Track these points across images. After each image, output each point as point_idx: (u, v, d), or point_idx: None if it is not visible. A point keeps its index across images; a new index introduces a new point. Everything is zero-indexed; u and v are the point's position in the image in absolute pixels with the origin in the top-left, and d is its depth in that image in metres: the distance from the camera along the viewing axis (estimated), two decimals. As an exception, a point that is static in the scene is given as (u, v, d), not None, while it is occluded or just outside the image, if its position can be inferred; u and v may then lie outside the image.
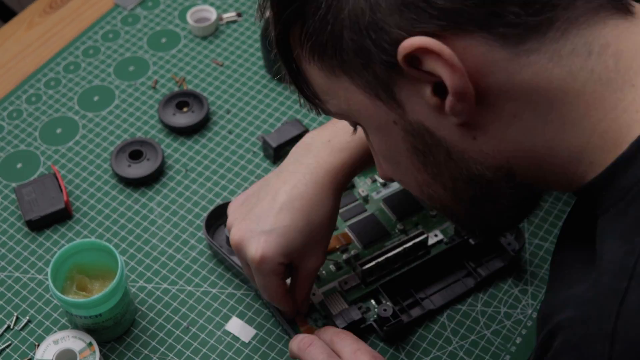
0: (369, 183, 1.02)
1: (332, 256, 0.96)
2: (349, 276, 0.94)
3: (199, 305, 0.96)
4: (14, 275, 0.99)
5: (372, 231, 0.98)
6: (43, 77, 1.18)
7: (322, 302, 0.92)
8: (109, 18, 1.25)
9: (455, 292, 0.94)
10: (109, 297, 0.87)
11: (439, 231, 0.98)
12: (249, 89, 1.16)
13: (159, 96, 1.16)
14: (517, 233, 0.95)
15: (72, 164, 1.09)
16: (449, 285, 0.95)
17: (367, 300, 0.93)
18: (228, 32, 1.23)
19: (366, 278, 0.93)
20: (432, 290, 0.94)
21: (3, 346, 0.93)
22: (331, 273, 0.95)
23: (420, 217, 1.00)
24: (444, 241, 0.97)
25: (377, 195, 1.02)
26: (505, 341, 0.92)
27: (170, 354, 0.92)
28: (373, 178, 1.03)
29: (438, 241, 0.97)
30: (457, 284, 0.95)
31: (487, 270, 0.95)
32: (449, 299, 0.94)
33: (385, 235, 0.98)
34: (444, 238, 0.97)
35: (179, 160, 1.09)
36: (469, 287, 0.95)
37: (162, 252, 1.00)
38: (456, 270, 0.96)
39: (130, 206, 1.04)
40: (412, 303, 0.93)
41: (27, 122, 1.13)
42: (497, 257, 0.96)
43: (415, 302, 0.93)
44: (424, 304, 0.93)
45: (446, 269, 0.95)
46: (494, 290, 0.96)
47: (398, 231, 0.98)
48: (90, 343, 0.89)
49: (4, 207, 1.05)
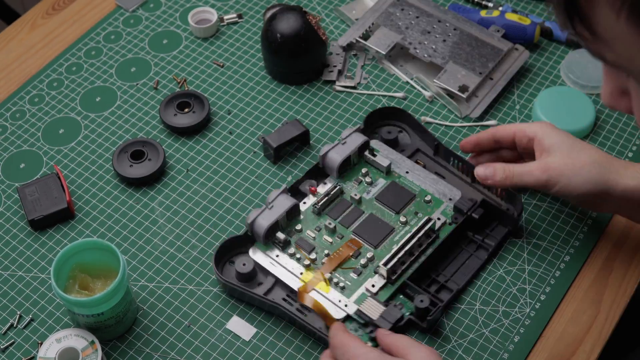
0: (356, 185, 1.03)
1: (348, 264, 0.96)
2: (372, 279, 0.95)
3: (200, 304, 0.96)
4: (17, 274, 1.00)
5: (378, 230, 0.99)
6: (46, 78, 1.19)
7: (358, 311, 0.92)
8: (110, 20, 1.26)
9: (472, 267, 0.98)
10: (111, 296, 0.88)
11: (439, 214, 1.00)
12: (249, 89, 1.17)
13: (160, 97, 1.17)
14: (514, 199, 0.99)
15: (74, 164, 1.10)
16: (464, 262, 0.98)
17: (396, 296, 0.95)
18: (229, 34, 1.24)
19: (391, 276, 0.94)
20: (451, 271, 0.97)
21: (6, 344, 0.94)
22: (354, 280, 0.95)
23: (416, 205, 1.01)
24: (447, 222, 0.99)
25: (368, 195, 1.03)
26: (504, 340, 0.93)
27: (172, 352, 0.93)
28: (358, 180, 1.04)
29: (442, 223, 0.99)
30: (471, 259, 0.98)
31: (494, 239, 0.99)
32: (469, 275, 0.97)
33: (391, 230, 0.99)
34: (446, 219, 0.99)
35: (180, 160, 1.10)
36: (483, 259, 0.98)
37: (164, 252, 1.01)
38: (466, 246, 0.99)
39: (132, 206, 1.05)
40: (438, 288, 0.96)
41: (30, 122, 1.14)
42: (499, 224, 1.00)
43: (441, 287, 0.96)
44: (449, 285, 0.96)
45: (457, 247, 0.99)
46: (493, 289, 0.97)
47: (401, 224, 1.00)
48: (92, 341, 0.89)
49: (7, 206, 1.06)
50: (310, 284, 0.94)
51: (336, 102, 1.15)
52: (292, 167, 1.08)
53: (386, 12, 1.21)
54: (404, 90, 1.16)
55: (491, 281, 0.97)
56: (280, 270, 0.95)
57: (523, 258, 0.99)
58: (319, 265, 0.96)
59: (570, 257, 0.99)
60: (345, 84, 1.17)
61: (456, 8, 1.24)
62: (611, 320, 0.94)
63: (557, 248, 1.00)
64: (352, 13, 1.25)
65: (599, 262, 0.99)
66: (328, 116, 1.14)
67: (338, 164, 1.01)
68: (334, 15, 1.26)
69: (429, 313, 0.91)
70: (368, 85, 1.17)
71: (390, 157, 1.05)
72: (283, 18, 1.12)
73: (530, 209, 1.03)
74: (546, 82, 1.16)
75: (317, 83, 1.17)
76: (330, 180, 1.04)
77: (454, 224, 0.99)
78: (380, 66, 1.19)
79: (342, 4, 1.27)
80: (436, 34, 1.18)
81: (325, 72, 1.18)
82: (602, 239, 1.01)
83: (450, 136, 1.11)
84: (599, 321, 0.94)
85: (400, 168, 1.05)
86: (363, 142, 1.03)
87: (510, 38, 1.19)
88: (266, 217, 0.96)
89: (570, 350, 0.92)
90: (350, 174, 1.04)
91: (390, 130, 1.08)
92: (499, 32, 1.18)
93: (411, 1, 1.22)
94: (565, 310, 0.95)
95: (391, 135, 1.08)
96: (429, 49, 1.16)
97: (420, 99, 1.15)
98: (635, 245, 1.00)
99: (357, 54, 1.20)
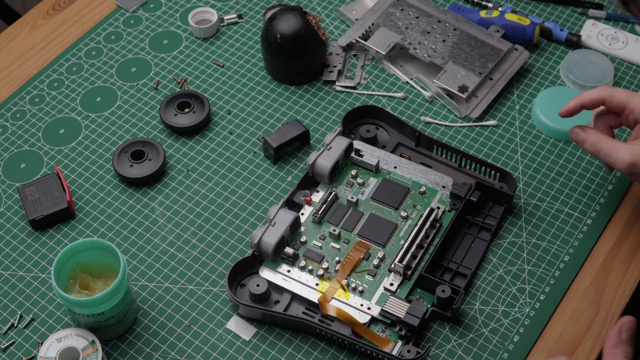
0: (349, 188, 1.04)
1: (361, 267, 0.96)
2: (388, 278, 0.95)
3: (200, 304, 0.97)
4: (18, 274, 1.00)
5: (382, 228, 0.99)
6: (46, 79, 1.19)
7: (383, 311, 0.92)
8: (111, 20, 1.26)
9: (478, 249, 0.99)
10: (111, 295, 0.88)
11: (437, 203, 1.01)
12: (249, 89, 1.17)
13: (160, 97, 1.17)
14: (509, 178, 1.02)
15: (74, 164, 1.10)
16: (470, 246, 0.99)
17: (414, 291, 0.95)
18: (229, 34, 1.24)
19: (407, 272, 0.95)
20: (460, 256, 0.99)
21: (7, 344, 0.94)
22: (370, 282, 0.95)
23: (412, 198, 1.02)
24: (447, 209, 1.00)
25: (363, 196, 1.03)
26: (504, 339, 0.93)
27: (172, 352, 0.93)
28: (349, 182, 1.04)
29: (442, 212, 1.00)
30: (476, 241, 1.00)
31: (494, 219, 1.01)
32: (478, 259, 0.98)
33: (395, 227, 0.99)
34: (445, 207, 1.00)
35: (181, 160, 1.10)
36: (488, 240, 0.99)
37: (164, 251, 1.01)
38: (468, 230, 1.01)
39: (132, 206, 1.05)
40: (452, 276, 0.97)
41: (30, 122, 1.14)
42: (494, 203, 1.02)
43: (455, 274, 0.97)
44: (462, 271, 0.97)
45: (460, 232, 1.00)
46: (493, 289, 0.97)
47: (402, 218, 1.00)
48: (92, 341, 0.89)
49: (7, 206, 1.06)
50: (329, 293, 0.94)
51: (336, 102, 1.15)
52: (292, 167, 1.09)
53: (386, 13, 1.21)
54: (404, 90, 1.16)
55: (491, 281, 0.97)
56: (295, 285, 0.95)
57: (523, 258, 0.99)
58: (333, 273, 0.96)
59: (569, 256, 0.99)
60: (345, 84, 1.17)
61: (456, 8, 1.24)
62: (610, 320, 0.95)
63: (556, 248, 1.00)
64: (352, 13, 1.25)
65: (599, 262, 0.99)
66: (328, 116, 1.14)
67: (329, 170, 1.02)
68: (334, 16, 1.26)
69: (452, 302, 0.92)
70: (368, 86, 1.17)
71: (375, 155, 1.06)
72: (283, 18, 1.12)
73: (530, 209, 1.03)
74: (546, 82, 1.17)
75: (317, 83, 1.17)
76: (322, 188, 1.04)
77: (454, 211, 1.00)
78: (380, 66, 1.19)
79: (342, 4, 1.27)
80: (436, 34, 1.18)
81: (325, 72, 1.18)
82: (602, 239, 1.01)
83: (450, 136, 1.11)
84: (599, 321, 0.95)
85: (388, 164, 1.05)
86: (348, 144, 1.04)
87: (510, 38, 1.19)
88: (271, 235, 0.96)
89: (569, 350, 0.93)
90: (340, 178, 1.04)
91: (368, 129, 1.09)
92: (499, 32, 1.19)
93: (411, 1, 1.22)
94: (564, 310, 0.96)
95: (370, 133, 1.08)
96: (429, 49, 1.17)
97: (420, 99, 1.15)
98: (635, 245, 1.00)
99: (357, 54, 1.21)
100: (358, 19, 1.22)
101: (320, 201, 1.01)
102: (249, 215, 1.04)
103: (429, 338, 0.93)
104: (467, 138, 1.11)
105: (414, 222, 1.00)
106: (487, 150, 1.09)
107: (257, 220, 1.04)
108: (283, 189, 1.06)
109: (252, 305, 0.93)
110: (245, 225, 1.03)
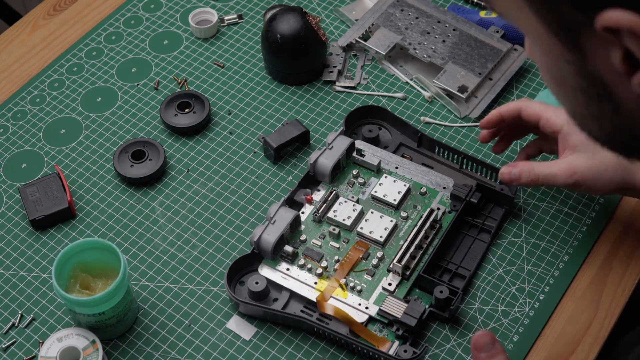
0: (350, 188, 1.04)
1: (360, 267, 0.97)
2: (387, 278, 0.96)
3: (200, 304, 0.97)
4: (19, 274, 1.00)
5: (382, 228, 0.99)
6: (47, 79, 1.20)
7: (380, 311, 0.92)
8: (111, 20, 1.27)
9: (478, 251, 0.99)
10: (112, 295, 0.88)
11: (437, 203, 1.01)
12: (249, 90, 1.17)
13: (161, 97, 1.17)
14: None
15: (75, 164, 1.10)
16: (469, 247, 0.99)
17: (412, 291, 0.95)
18: (229, 34, 1.24)
19: (405, 272, 0.95)
20: (459, 258, 0.99)
21: (8, 344, 0.94)
22: (369, 282, 0.96)
23: (413, 198, 1.02)
24: (447, 211, 1.00)
25: (364, 195, 1.03)
26: (503, 339, 0.93)
27: (172, 352, 0.93)
28: (350, 182, 1.04)
29: (442, 213, 1.00)
30: (476, 242, 1.00)
31: (494, 220, 1.01)
32: (477, 260, 0.98)
33: (394, 227, 0.99)
34: (445, 208, 1.00)
35: (181, 161, 1.10)
36: (487, 242, 0.99)
37: (164, 251, 1.01)
38: (468, 231, 1.01)
39: (132, 206, 1.06)
40: (451, 277, 0.97)
41: (31, 122, 1.15)
42: (495, 205, 1.02)
43: (454, 274, 0.97)
44: (461, 272, 0.97)
45: (460, 233, 1.00)
46: (493, 289, 0.97)
47: (402, 219, 1.00)
48: (93, 341, 0.90)
49: (8, 206, 1.06)
50: (327, 292, 0.94)
51: (336, 102, 1.15)
52: (292, 167, 1.09)
53: (386, 13, 1.21)
54: (404, 90, 1.16)
55: (490, 281, 0.98)
56: (293, 283, 0.96)
57: (522, 257, 0.99)
58: (332, 272, 0.96)
59: (569, 256, 1.00)
60: (345, 85, 1.17)
61: (455, 9, 1.24)
62: (610, 320, 0.95)
63: (556, 248, 1.00)
64: (352, 14, 1.25)
65: (598, 261, 1.00)
66: (328, 116, 1.14)
67: (330, 169, 1.02)
68: (334, 16, 1.26)
69: (450, 303, 0.92)
70: (368, 86, 1.17)
71: (377, 154, 1.06)
72: (283, 19, 1.13)
73: (530, 208, 1.04)
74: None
75: (317, 83, 1.18)
76: (323, 187, 1.04)
77: (454, 212, 1.00)
78: (380, 66, 1.19)
79: (342, 4, 1.27)
80: (436, 35, 1.18)
81: (325, 72, 1.18)
82: (601, 238, 1.01)
83: (449, 136, 1.11)
84: (598, 320, 0.95)
85: (389, 164, 1.05)
86: (350, 144, 1.04)
87: (510, 39, 1.19)
88: (271, 233, 0.96)
89: (569, 350, 0.93)
90: (341, 177, 1.05)
91: (370, 129, 1.09)
92: (498, 32, 1.19)
93: (411, 2, 1.22)
94: (564, 310, 0.96)
95: (372, 133, 1.08)
96: (429, 49, 1.17)
97: (419, 100, 1.15)
98: (634, 245, 1.01)
99: (357, 54, 1.21)
100: (358, 20, 1.22)
101: (321, 200, 1.01)
102: (249, 215, 1.04)
103: (428, 338, 0.93)
104: (466, 138, 1.11)
105: (414, 222, 1.00)
106: (487, 151, 1.10)
107: (257, 220, 1.04)
108: (283, 189, 1.07)
109: (250, 303, 0.93)
110: (245, 225, 1.03)
